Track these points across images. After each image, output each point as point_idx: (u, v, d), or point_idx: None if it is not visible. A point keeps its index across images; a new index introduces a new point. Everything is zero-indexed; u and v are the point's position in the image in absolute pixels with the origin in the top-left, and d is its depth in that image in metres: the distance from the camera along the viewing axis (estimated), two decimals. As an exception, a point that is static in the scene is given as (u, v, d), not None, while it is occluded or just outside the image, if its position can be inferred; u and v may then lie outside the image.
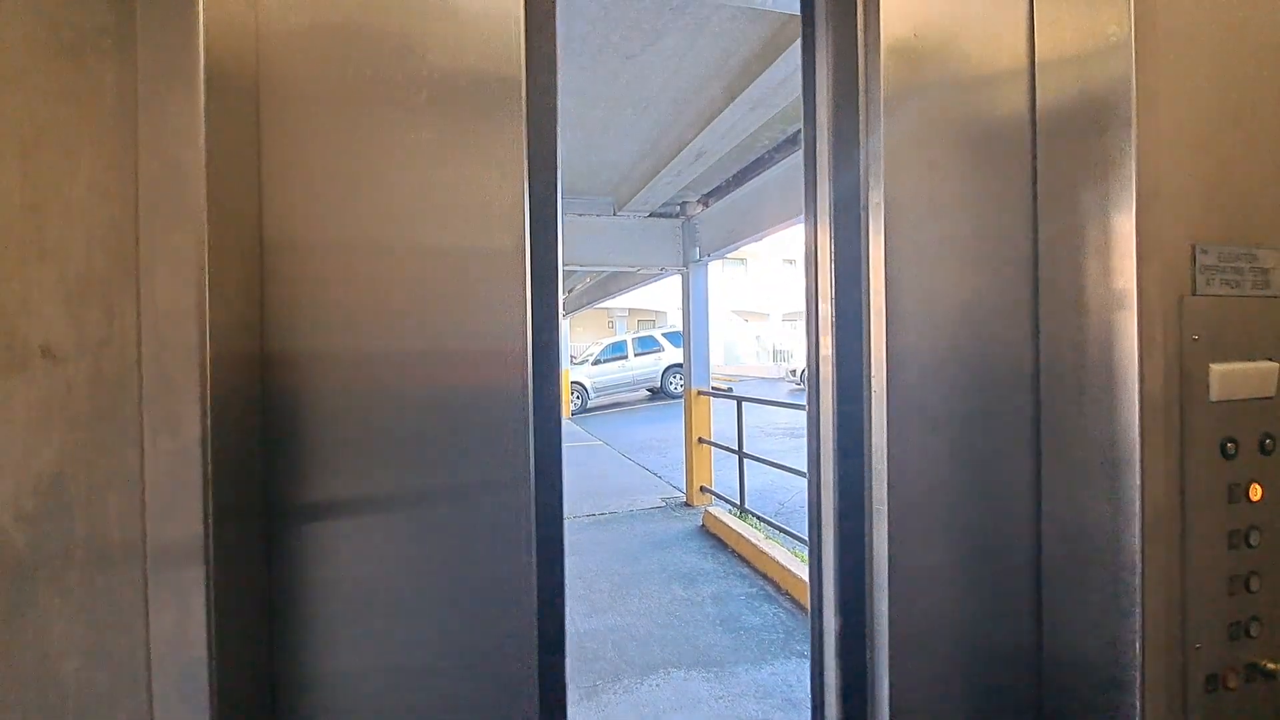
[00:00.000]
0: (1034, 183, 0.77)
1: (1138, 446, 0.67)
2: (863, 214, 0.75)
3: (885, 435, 0.72)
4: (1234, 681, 0.72)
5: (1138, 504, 0.68)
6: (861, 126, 0.76)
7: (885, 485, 0.72)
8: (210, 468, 0.45)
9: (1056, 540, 0.76)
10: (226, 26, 0.52)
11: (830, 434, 0.77)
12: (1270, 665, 0.73)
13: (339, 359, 0.58)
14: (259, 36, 0.55)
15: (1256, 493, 0.73)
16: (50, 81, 0.50)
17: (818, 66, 0.79)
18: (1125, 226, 0.68)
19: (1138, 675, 0.68)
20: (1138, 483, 0.67)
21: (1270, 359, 0.73)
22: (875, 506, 0.74)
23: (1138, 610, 0.68)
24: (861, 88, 0.75)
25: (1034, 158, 0.77)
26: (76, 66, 0.51)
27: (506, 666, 0.61)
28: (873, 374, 0.74)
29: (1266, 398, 0.73)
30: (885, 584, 0.72)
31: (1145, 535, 0.68)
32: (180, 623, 0.45)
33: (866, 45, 0.75)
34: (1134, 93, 0.69)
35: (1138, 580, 0.68)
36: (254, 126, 0.55)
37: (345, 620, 0.58)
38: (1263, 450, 0.73)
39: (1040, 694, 0.77)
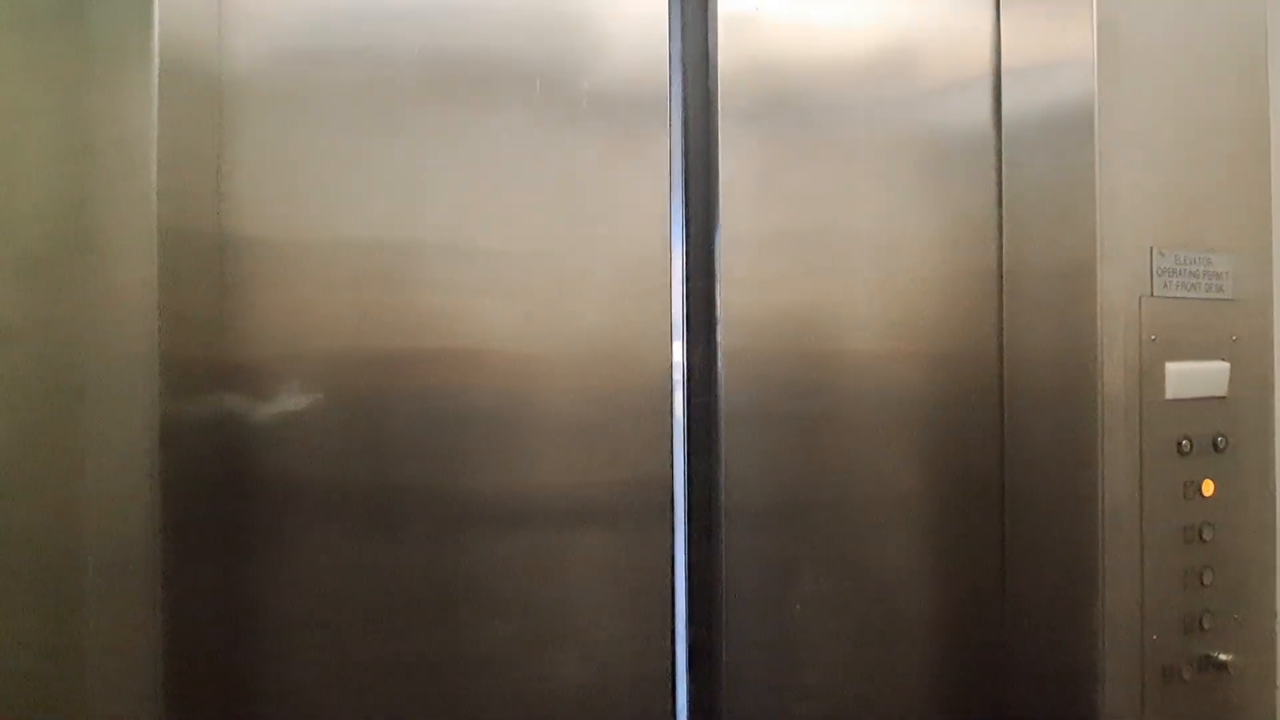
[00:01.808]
0: (999, 189, 0.79)
1: (1099, 443, 0.69)
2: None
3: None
4: (1188, 673, 0.74)
5: (1098, 499, 0.70)
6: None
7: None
8: (161, 459, 0.43)
9: (1019, 537, 0.77)
10: (186, 5, 0.51)
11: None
12: (1222, 657, 0.75)
13: (313, 359, 0.56)
14: (221, 14, 0.53)
15: (1209, 489, 0.75)
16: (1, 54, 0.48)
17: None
18: (1088, 232, 0.71)
19: (1099, 666, 0.70)
20: (1098, 479, 0.69)
21: (1222, 359, 0.76)
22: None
23: (1099, 603, 0.70)
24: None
25: (999, 165, 0.79)
26: (27, 39, 0.49)
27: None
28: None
29: (1219, 397, 0.76)
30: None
31: (1105, 530, 0.70)
32: (122, 621, 0.43)
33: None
34: (1096, 104, 0.71)
35: (1099, 575, 0.70)
36: (217, 114, 0.53)
37: (302, 634, 0.56)
38: (1215, 448, 0.75)
39: (1006, 685, 0.78)
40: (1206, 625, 0.75)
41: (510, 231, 0.62)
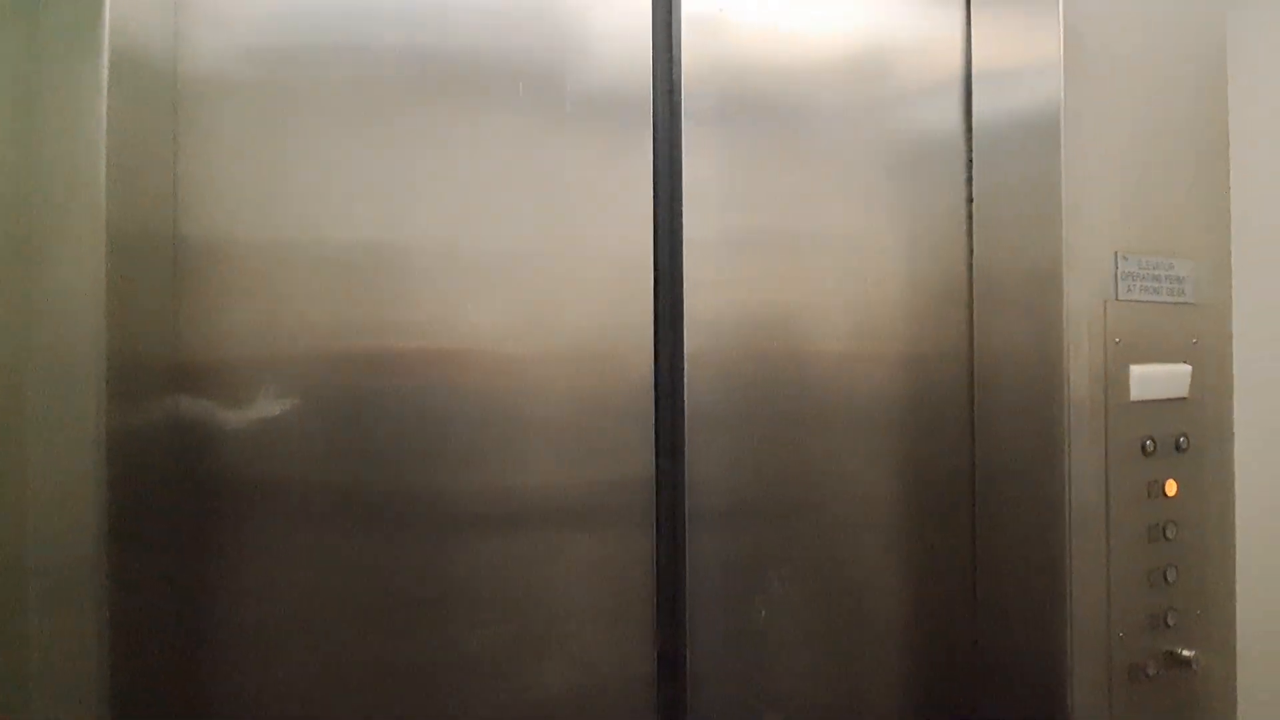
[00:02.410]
0: (969, 194, 0.80)
1: (1066, 444, 0.70)
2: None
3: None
4: (1154, 669, 0.76)
5: (1066, 500, 0.71)
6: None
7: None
8: (107, 471, 0.42)
9: (989, 538, 0.78)
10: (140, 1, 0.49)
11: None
12: (1186, 653, 0.77)
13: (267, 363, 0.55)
14: (178, 10, 0.51)
15: (1172, 489, 0.77)
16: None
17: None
18: (1054, 236, 0.72)
19: (1068, 664, 0.71)
20: (1066, 479, 0.70)
21: (1184, 362, 0.78)
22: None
23: (1068, 602, 0.71)
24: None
25: (969, 170, 0.80)
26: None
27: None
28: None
29: (1181, 398, 0.77)
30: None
31: (1073, 530, 0.71)
32: (68, 627, 0.42)
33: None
34: (1062, 110, 0.72)
35: (1067, 574, 0.71)
36: (171, 111, 0.52)
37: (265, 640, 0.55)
38: (1177, 448, 0.77)
39: (976, 684, 0.79)
40: (1171, 622, 0.77)
41: (493, 233, 0.62)
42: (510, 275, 0.62)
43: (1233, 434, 0.82)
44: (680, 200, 0.67)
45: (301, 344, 0.56)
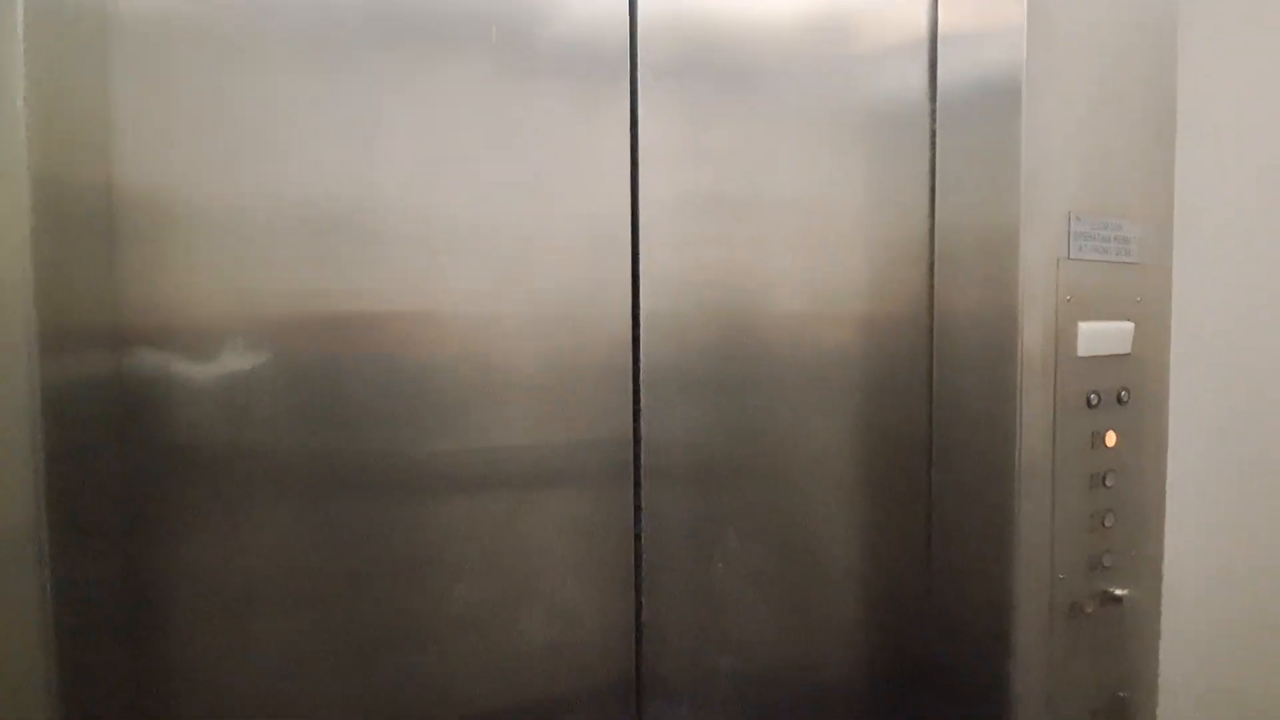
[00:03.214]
0: (932, 156, 0.80)
1: (1018, 398, 0.73)
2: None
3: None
4: (1090, 607, 0.81)
5: (1016, 452, 0.74)
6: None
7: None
8: (43, 440, 0.39)
9: (945, 490, 0.81)
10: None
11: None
12: (1119, 591, 0.82)
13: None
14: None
15: (1112, 439, 0.81)
16: None
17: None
18: (1013, 197, 0.73)
19: (1013, 605, 0.75)
20: (1016, 432, 0.73)
21: (1128, 319, 0.81)
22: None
23: (1015, 548, 0.75)
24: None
25: (933, 132, 0.81)
26: None
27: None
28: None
29: (1124, 354, 0.81)
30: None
31: (1021, 480, 0.75)
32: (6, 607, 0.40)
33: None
34: (1025, 74, 0.73)
35: (1015, 521, 0.75)
36: (101, 53, 0.48)
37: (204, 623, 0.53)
38: (1119, 401, 0.81)
39: (930, 628, 0.84)
40: (1107, 564, 0.82)
41: (464, 189, 0.59)
42: (483, 233, 0.60)
43: (1168, 388, 0.87)
44: (637, 158, 0.65)
45: (257, 306, 0.53)
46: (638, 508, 0.66)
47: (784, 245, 0.73)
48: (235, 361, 0.53)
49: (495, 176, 0.60)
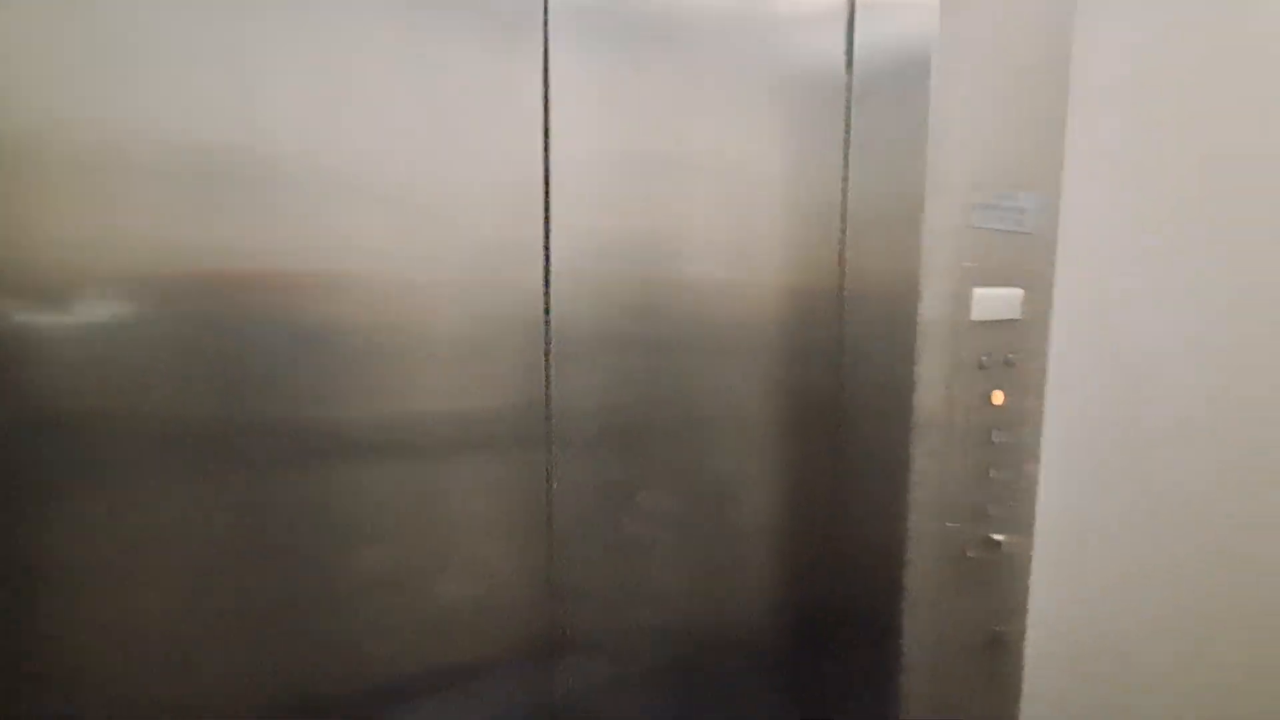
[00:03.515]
0: (847, 122, 0.82)
1: (916, 361, 0.77)
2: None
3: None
4: (972, 552, 0.89)
5: (913, 411, 0.78)
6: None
7: (710, 401, 0.76)
8: None
9: (851, 449, 0.85)
10: None
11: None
12: (998, 537, 0.90)
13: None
14: None
15: (1000, 399, 0.87)
16: None
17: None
18: (920, 165, 0.76)
19: (905, 552, 0.81)
20: (914, 389, 0.78)
21: (1018, 286, 0.87)
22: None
23: (910, 499, 0.80)
24: None
25: (848, 98, 0.82)
26: None
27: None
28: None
29: (1014, 320, 0.87)
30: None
31: (917, 438, 0.79)
32: None
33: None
34: (937, 44, 0.75)
35: (910, 477, 0.80)
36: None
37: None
38: (1007, 363, 0.87)
39: (833, 578, 0.89)
40: (990, 512, 0.90)
41: (364, 135, 0.55)
42: (382, 184, 0.56)
43: (1048, 351, 0.94)
44: (549, 109, 0.62)
45: (132, 262, 0.48)
46: (549, 471, 0.65)
47: (701, 207, 0.73)
48: (103, 319, 0.47)
49: (396, 122, 0.56)
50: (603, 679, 0.71)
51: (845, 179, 0.82)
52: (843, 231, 0.82)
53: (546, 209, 0.62)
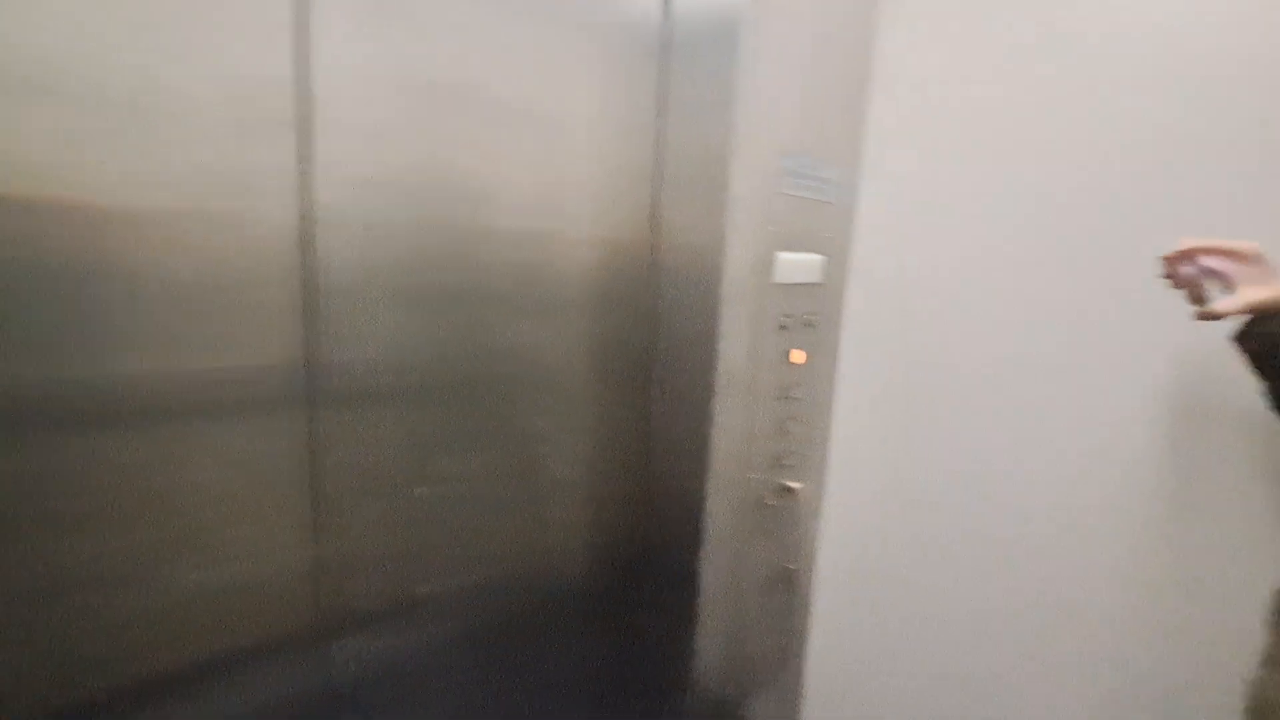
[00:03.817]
0: (661, 77, 0.80)
1: (720, 319, 0.80)
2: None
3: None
4: (771, 499, 0.96)
5: (717, 367, 0.81)
6: None
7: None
8: None
9: (662, 403, 0.88)
10: None
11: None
12: (793, 485, 0.98)
13: None
14: None
15: (799, 358, 0.94)
16: None
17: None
18: (728, 124, 0.76)
19: (708, 500, 0.85)
20: (718, 348, 0.80)
21: (819, 253, 0.93)
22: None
23: (710, 451, 0.84)
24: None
25: (663, 53, 0.80)
26: None
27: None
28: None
29: (813, 283, 0.93)
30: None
31: (721, 393, 0.83)
32: None
33: None
34: (747, 7, 0.75)
35: (713, 429, 0.84)
36: None
37: None
38: (806, 324, 0.94)
39: (645, 525, 0.92)
40: (787, 463, 0.97)
41: (79, 33, 0.44)
42: (104, 97, 0.45)
43: (842, 315, 1.02)
44: (306, 14, 0.54)
45: None
46: (313, 435, 0.59)
47: (502, 149, 0.68)
48: None
49: (118, 16, 0.45)
50: (389, 650, 0.68)
51: (660, 132, 0.81)
52: (657, 186, 0.82)
53: (305, 134, 0.54)
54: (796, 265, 0.88)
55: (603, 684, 0.94)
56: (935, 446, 0.96)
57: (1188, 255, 0.58)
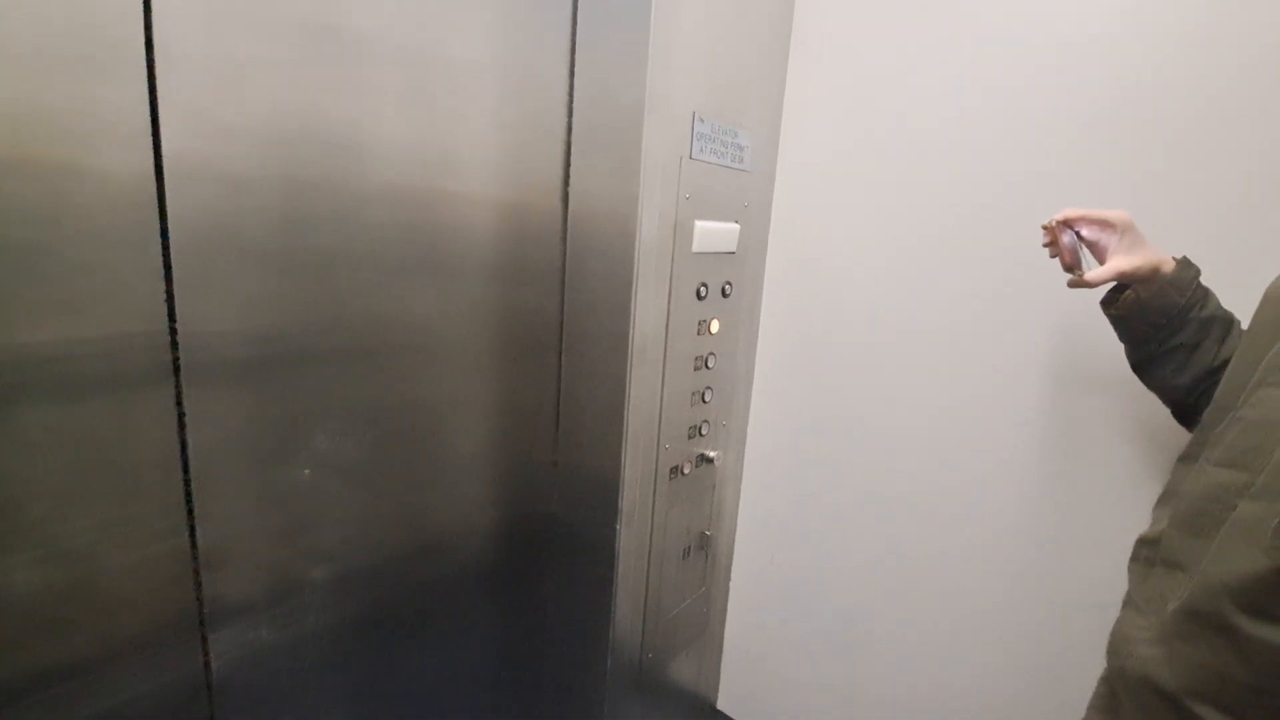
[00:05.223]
0: (573, 32, 0.75)
1: (634, 287, 0.77)
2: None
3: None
4: (688, 468, 0.96)
5: (630, 336, 0.79)
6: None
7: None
8: None
9: (572, 370, 0.85)
10: None
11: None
12: (711, 454, 0.99)
13: None
14: None
15: (716, 327, 0.93)
16: None
17: None
18: (639, 84, 0.73)
19: (623, 470, 0.84)
20: (632, 317, 0.78)
21: (736, 222, 0.91)
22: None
23: (624, 422, 0.82)
24: None
25: (575, 6, 0.75)
26: None
27: None
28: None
29: (730, 252, 0.92)
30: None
31: (634, 363, 0.81)
32: None
33: None
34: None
35: (626, 399, 0.82)
36: None
37: None
38: (723, 294, 0.93)
39: (557, 495, 0.90)
40: (704, 432, 0.97)
41: None
42: None
43: (762, 285, 1.02)
44: None
45: None
46: (182, 415, 0.52)
47: (387, 95, 0.62)
48: None
49: None
50: (269, 638, 0.63)
51: (571, 90, 0.76)
52: (568, 146, 0.78)
53: (150, 72, 0.47)
54: (714, 234, 0.86)
55: (520, 657, 0.93)
56: (837, 412, 0.99)
57: (1067, 223, 0.61)
